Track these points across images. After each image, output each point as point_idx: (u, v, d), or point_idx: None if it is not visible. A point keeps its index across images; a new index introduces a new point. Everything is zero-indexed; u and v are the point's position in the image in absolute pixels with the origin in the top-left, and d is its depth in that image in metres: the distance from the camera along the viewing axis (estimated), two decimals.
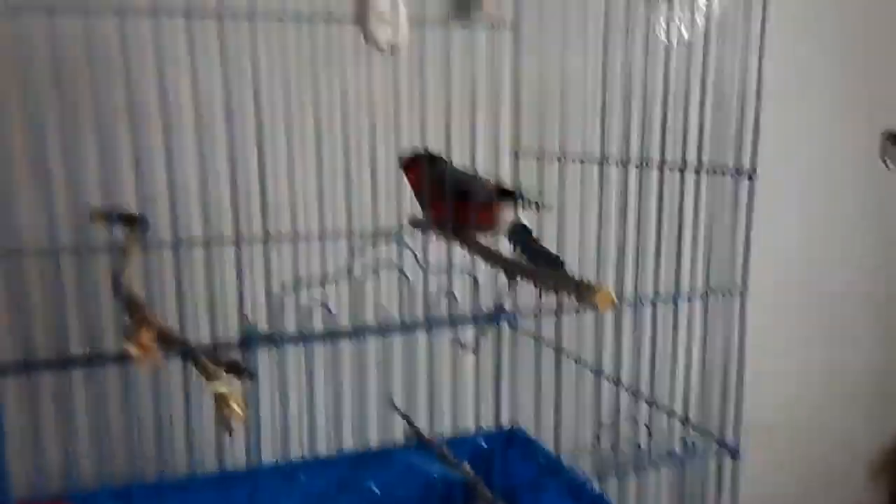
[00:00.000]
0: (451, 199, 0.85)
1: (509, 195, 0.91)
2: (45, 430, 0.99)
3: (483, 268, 0.89)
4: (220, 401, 0.53)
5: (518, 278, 0.81)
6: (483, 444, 1.07)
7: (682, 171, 0.77)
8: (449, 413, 0.94)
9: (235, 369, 0.60)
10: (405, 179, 0.93)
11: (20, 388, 1.02)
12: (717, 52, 0.80)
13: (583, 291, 0.68)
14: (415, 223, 1.05)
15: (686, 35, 0.88)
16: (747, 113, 0.72)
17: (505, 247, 0.90)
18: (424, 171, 0.92)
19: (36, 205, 0.88)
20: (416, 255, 0.71)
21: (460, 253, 0.90)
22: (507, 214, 0.90)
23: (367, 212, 0.87)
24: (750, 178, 0.72)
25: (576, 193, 0.87)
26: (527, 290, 0.98)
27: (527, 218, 0.88)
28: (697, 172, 0.76)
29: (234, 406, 0.53)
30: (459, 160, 0.96)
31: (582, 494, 0.90)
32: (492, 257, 0.89)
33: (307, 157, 0.88)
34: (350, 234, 0.78)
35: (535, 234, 0.88)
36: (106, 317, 0.86)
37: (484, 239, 0.93)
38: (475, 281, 0.74)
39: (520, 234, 0.88)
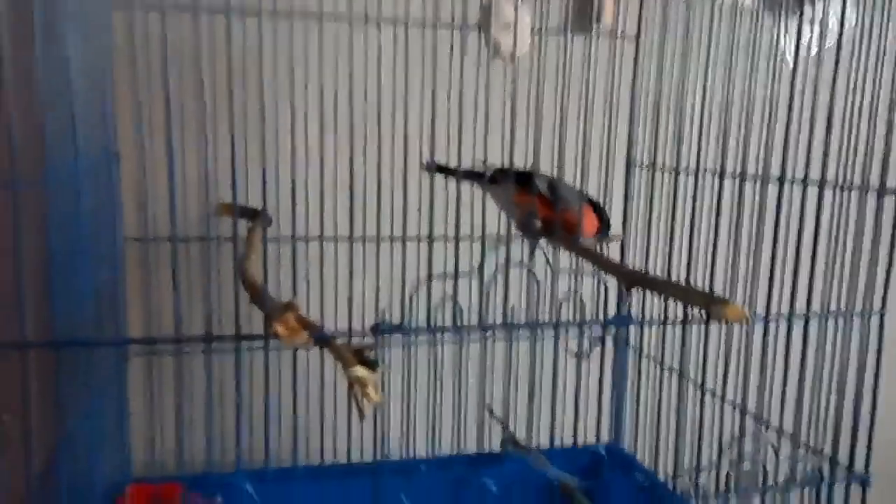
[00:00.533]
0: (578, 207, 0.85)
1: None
2: (165, 412, 1.05)
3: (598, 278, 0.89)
4: (358, 385, 0.55)
5: (638, 289, 0.80)
6: (584, 458, 1.06)
7: (820, 187, 0.75)
8: (566, 423, 0.93)
9: (366, 360, 0.61)
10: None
11: (143, 369, 1.08)
12: (856, 65, 0.78)
13: (712, 304, 0.67)
14: (524, 230, 1.06)
15: (814, 50, 0.86)
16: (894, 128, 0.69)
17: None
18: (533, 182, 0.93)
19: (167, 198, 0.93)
20: (547, 258, 0.71)
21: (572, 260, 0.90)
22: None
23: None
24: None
25: (700, 207, 0.85)
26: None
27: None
28: (841, 189, 0.74)
29: (372, 391, 0.54)
30: (571, 170, 0.96)
31: None
32: (609, 266, 0.88)
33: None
34: (483, 236, 0.80)
35: None
36: (224, 303, 0.90)
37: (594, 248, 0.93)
38: (601, 287, 0.73)
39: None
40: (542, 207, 0.91)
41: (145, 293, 0.97)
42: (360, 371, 0.55)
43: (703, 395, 0.93)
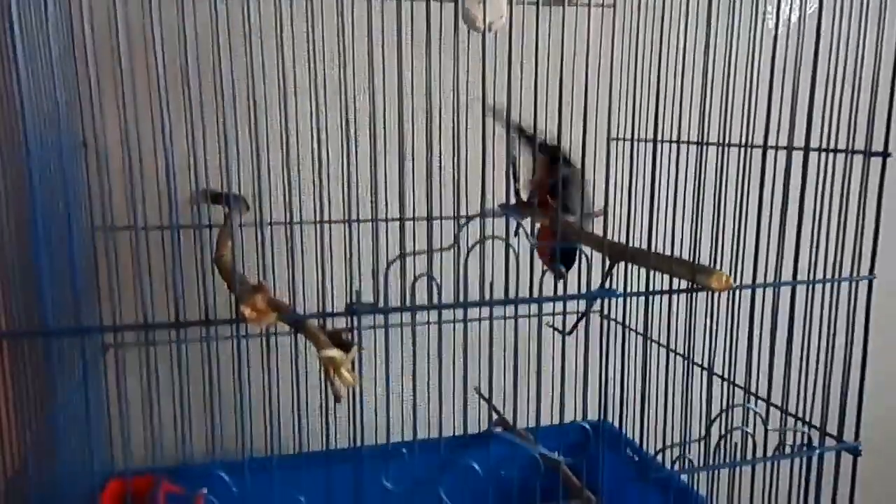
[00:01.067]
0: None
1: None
2: (141, 405, 1.02)
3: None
4: (331, 367, 0.52)
5: (623, 262, 0.78)
6: (571, 435, 1.04)
7: (805, 150, 0.73)
8: (547, 402, 0.92)
9: (341, 341, 0.59)
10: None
11: (117, 362, 1.06)
12: (838, 29, 0.76)
13: (697, 273, 0.65)
14: (505, 207, 1.04)
15: (795, 16, 0.84)
16: (882, 91, 0.67)
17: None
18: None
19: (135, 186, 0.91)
20: (524, 229, 0.68)
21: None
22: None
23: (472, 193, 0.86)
24: (883, 157, 0.67)
25: (683, 177, 0.83)
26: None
27: None
28: (827, 153, 0.72)
29: (345, 372, 0.52)
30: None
31: (669, 488, 0.87)
32: (591, 240, 0.86)
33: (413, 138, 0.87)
34: (456, 213, 0.77)
35: None
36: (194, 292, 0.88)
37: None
38: (583, 260, 0.71)
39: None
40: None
41: (112, 284, 0.95)
42: (332, 352, 0.53)
43: (690, 367, 0.91)
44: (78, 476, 0.91)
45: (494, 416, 1.07)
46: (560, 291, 0.75)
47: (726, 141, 0.82)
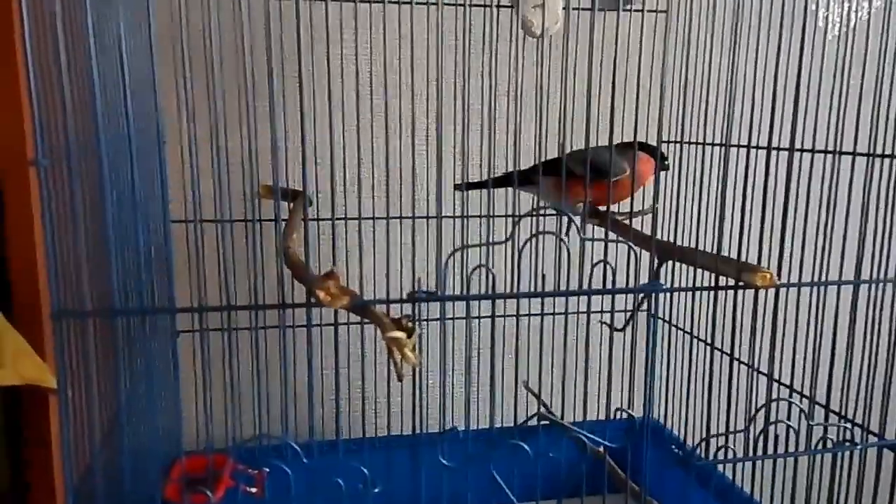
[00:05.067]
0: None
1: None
2: (215, 386, 1.09)
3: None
4: (396, 347, 0.57)
5: (670, 260, 0.81)
6: (616, 430, 1.07)
7: (847, 155, 0.75)
8: (593, 398, 0.95)
9: (402, 327, 0.64)
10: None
11: (191, 346, 1.13)
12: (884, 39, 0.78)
13: (743, 271, 0.68)
14: (555, 207, 1.07)
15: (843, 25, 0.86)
16: None
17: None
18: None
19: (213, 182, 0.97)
20: (575, 225, 0.72)
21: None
22: None
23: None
24: None
25: (730, 179, 0.86)
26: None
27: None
28: (871, 157, 0.74)
29: (408, 352, 0.57)
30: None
31: (710, 481, 0.89)
32: (640, 238, 0.89)
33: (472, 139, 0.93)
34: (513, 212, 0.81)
35: None
36: (268, 279, 0.94)
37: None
38: (632, 257, 0.74)
39: None
40: (576, 188, 0.92)
41: (192, 273, 1.01)
42: (396, 333, 0.57)
43: (731, 362, 0.93)
44: (145, 456, 0.97)
45: (543, 410, 1.10)
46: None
47: (774, 145, 0.85)
